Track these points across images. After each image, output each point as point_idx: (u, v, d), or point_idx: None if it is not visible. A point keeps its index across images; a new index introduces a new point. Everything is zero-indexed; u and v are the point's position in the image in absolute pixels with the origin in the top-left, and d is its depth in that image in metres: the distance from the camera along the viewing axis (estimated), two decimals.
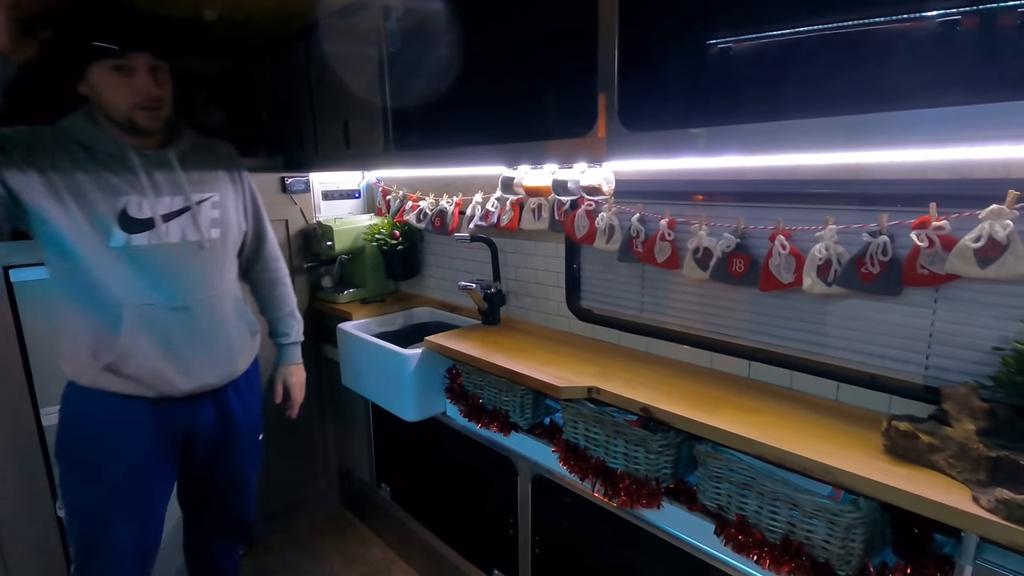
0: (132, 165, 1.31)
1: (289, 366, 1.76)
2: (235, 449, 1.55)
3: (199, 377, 1.39)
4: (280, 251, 1.74)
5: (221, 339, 1.43)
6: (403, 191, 2.35)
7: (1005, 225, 0.94)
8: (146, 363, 1.31)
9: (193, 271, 1.37)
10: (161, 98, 1.30)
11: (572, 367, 1.52)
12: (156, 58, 1.28)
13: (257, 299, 1.72)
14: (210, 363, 1.41)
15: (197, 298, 1.37)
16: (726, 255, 1.33)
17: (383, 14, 1.76)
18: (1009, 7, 0.79)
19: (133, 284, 1.28)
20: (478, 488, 1.92)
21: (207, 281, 1.40)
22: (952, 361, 1.11)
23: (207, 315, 1.39)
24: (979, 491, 0.87)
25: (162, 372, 1.33)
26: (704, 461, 1.21)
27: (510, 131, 1.47)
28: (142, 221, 1.31)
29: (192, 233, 1.38)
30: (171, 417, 1.39)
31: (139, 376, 1.31)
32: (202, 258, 1.39)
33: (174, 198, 1.36)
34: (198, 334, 1.38)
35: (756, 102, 1.02)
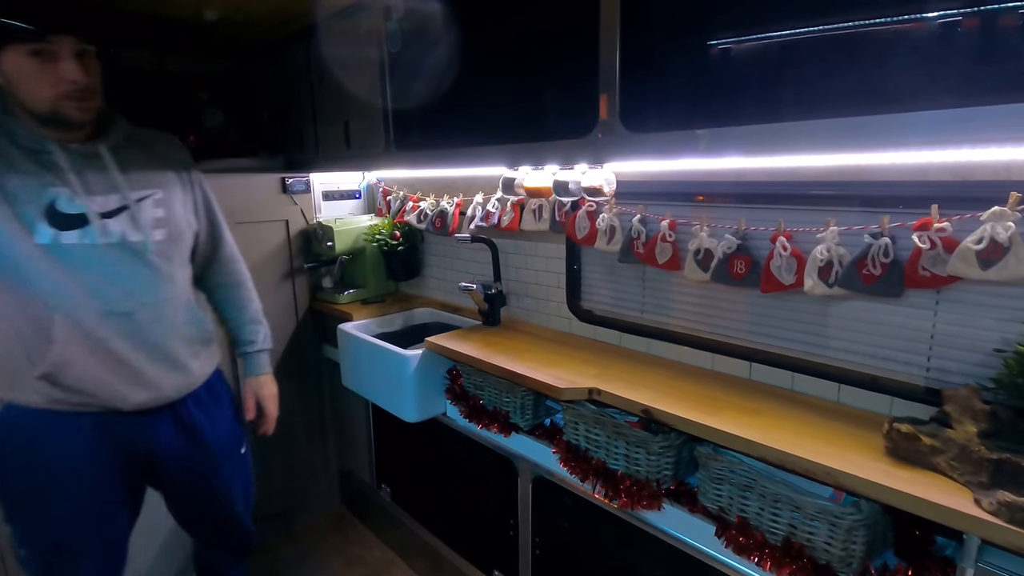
0: (55, 160, 1.17)
1: (258, 377, 1.59)
2: (213, 468, 1.44)
3: (152, 388, 1.28)
4: (238, 252, 1.59)
5: (170, 347, 1.30)
6: (404, 192, 2.35)
7: (1007, 227, 0.93)
8: (87, 373, 1.20)
9: (135, 275, 1.25)
10: (90, 87, 1.16)
11: (573, 368, 1.51)
12: (81, 42, 1.13)
13: (215, 306, 1.58)
14: (161, 372, 1.29)
15: (141, 303, 1.24)
16: (727, 256, 1.32)
17: (384, 15, 1.76)
18: (1010, 8, 0.79)
19: (65, 287, 1.17)
20: (478, 489, 1.92)
21: (152, 285, 1.27)
22: (954, 363, 1.11)
23: (153, 321, 1.27)
24: (981, 493, 0.87)
25: (107, 382, 1.22)
26: (705, 463, 1.21)
27: (511, 132, 1.47)
28: (73, 217, 1.17)
29: (133, 233, 1.24)
30: (124, 434, 1.28)
31: (80, 387, 1.20)
32: (146, 261, 1.26)
33: (108, 196, 1.23)
34: (144, 342, 1.26)
35: (757, 103, 1.02)
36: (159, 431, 1.33)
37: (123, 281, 1.23)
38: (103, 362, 1.22)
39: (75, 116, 1.16)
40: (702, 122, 1.08)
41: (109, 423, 1.26)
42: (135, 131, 1.33)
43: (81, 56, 1.14)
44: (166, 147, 1.39)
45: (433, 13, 1.60)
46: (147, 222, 1.28)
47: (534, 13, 1.38)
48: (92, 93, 1.18)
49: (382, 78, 1.84)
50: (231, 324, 1.59)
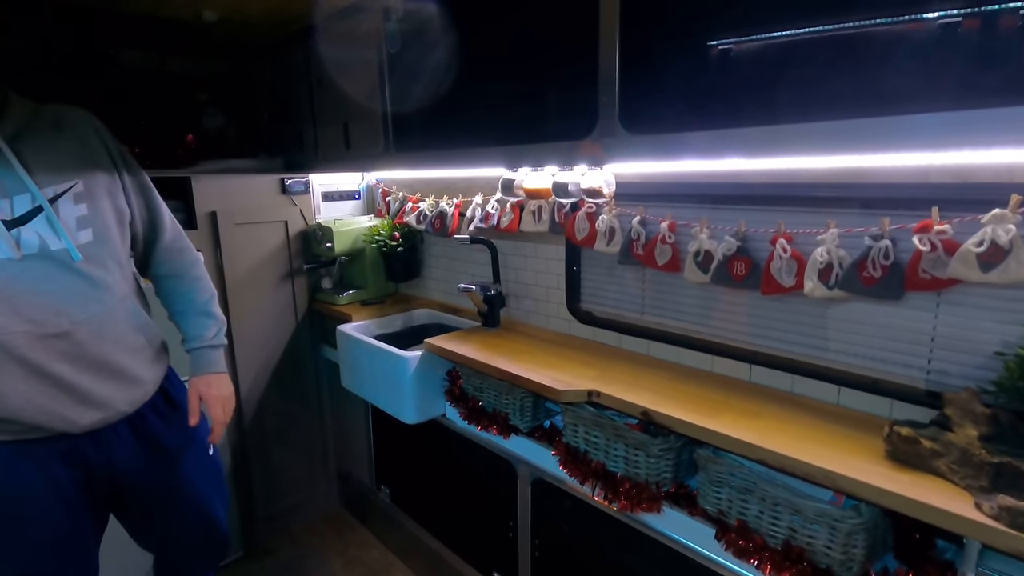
0: None
1: (204, 375, 1.39)
2: (181, 474, 1.35)
3: (103, 408, 1.18)
4: (185, 238, 1.42)
5: (117, 360, 1.19)
6: (403, 193, 2.34)
7: (1008, 230, 0.93)
8: (24, 401, 1.08)
9: (64, 289, 1.10)
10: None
11: (572, 370, 1.51)
12: None
13: (161, 296, 1.42)
14: (110, 389, 1.19)
15: (76, 321, 1.11)
16: (727, 258, 1.32)
17: (383, 16, 1.75)
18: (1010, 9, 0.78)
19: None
20: (478, 491, 1.91)
21: (86, 298, 1.13)
22: (954, 366, 1.10)
23: (94, 336, 1.14)
24: (981, 497, 0.86)
25: (50, 410, 1.11)
26: (705, 465, 1.20)
27: (510, 133, 1.47)
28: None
29: (53, 241, 1.09)
30: (81, 455, 1.19)
31: (21, 418, 1.09)
32: (74, 271, 1.12)
33: (17, 197, 1.06)
34: (87, 362, 1.14)
35: (757, 105, 1.02)
36: (117, 448, 1.23)
37: (51, 298, 1.09)
38: (42, 388, 1.10)
39: None
40: (701, 124, 1.08)
41: (63, 446, 1.16)
42: (37, 111, 1.13)
43: None
44: (79, 125, 1.18)
45: (432, 14, 1.60)
46: (69, 224, 1.11)
47: (533, 15, 1.38)
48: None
49: (381, 79, 1.84)
50: (178, 318, 1.41)
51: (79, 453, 1.19)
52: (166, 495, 1.34)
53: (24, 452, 1.14)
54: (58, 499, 1.18)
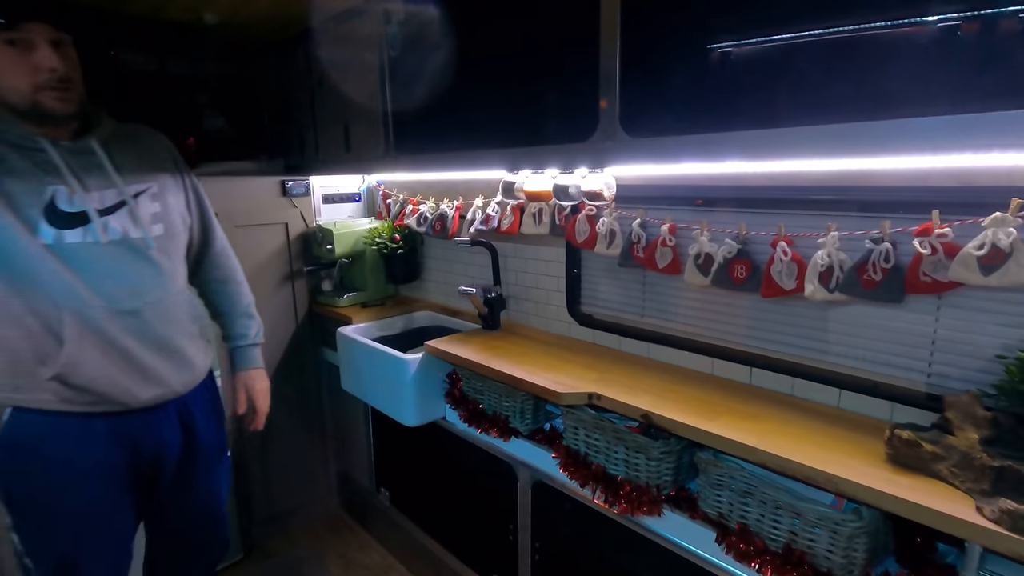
0: (49, 158, 1.15)
1: (249, 371, 1.58)
2: (204, 471, 1.43)
3: (159, 383, 1.27)
4: (229, 246, 1.59)
5: (176, 342, 1.31)
6: (403, 195, 2.34)
7: (1008, 233, 0.93)
8: (98, 371, 1.19)
9: (139, 272, 1.25)
10: (68, 76, 1.13)
11: (572, 372, 1.51)
12: (56, 30, 1.11)
13: (207, 301, 1.57)
14: (168, 368, 1.29)
15: (146, 301, 1.24)
16: (727, 261, 1.32)
17: (384, 18, 1.75)
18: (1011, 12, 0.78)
19: (73, 286, 1.15)
20: (478, 494, 1.91)
21: (156, 282, 1.27)
22: (955, 369, 1.10)
23: (158, 317, 1.27)
24: (983, 501, 0.86)
25: (117, 380, 1.21)
26: (705, 468, 1.20)
27: (511, 136, 1.47)
28: (74, 216, 1.16)
29: (133, 230, 1.24)
30: (134, 433, 1.27)
31: (92, 386, 1.19)
32: (148, 258, 1.26)
33: (105, 192, 1.22)
34: (151, 338, 1.25)
35: (757, 108, 1.02)
36: (164, 429, 1.32)
37: (128, 279, 1.23)
38: (113, 360, 1.21)
39: (56, 108, 1.13)
40: (702, 127, 1.08)
41: (119, 423, 1.25)
42: (119, 127, 1.31)
43: (57, 45, 1.12)
44: (152, 141, 1.38)
45: (433, 17, 1.60)
46: (146, 218, 1.27)
47: (534, 17, 1.38)
48: (71, 83, 1.15)
49: (382, 81, 1.84)
50: (224, 319, 1.57)
51: (131, 433, 1.27)
52: (188, 485, 1.41)
53: (84, 427, 1.22)
54: (107, 477, 1.26)
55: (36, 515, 1.22)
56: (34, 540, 1.23)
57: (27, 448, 1.19)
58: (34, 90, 1.10)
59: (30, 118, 1.14)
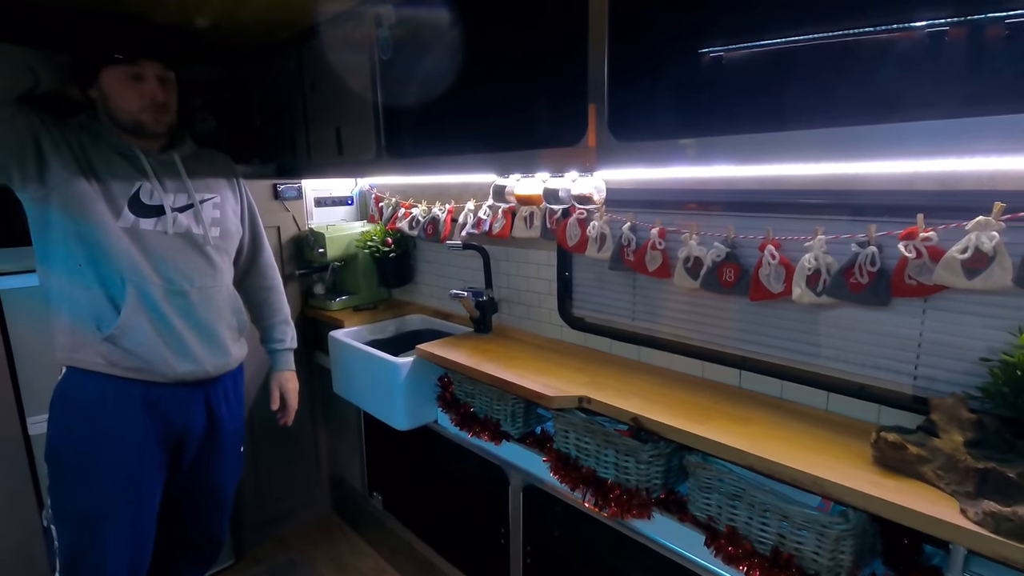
0: (141, 164, 1.40)
1: (284, 372, 1.78)
2: (219, 459, 1.54)
3: (195, 362, 1.42)
4: (275, 261, 1.79)
5: (215, 328, 1.47)
6: (396, 198, 2.34)
7: (991, 237, 0.94)
8: (145, 339, 1.35)
9: (194, 261, 1.45)
10: (167, 104, 1.40)
11: (563, 376, 1.51)
12: (164, 68, 1.39)
13: (251, 307, 1.74)
14: (205, 349, 1.44)
15: (195, 286, 1.44)
16: (716, 264, 1.33)
17: (375, 22, 1.76)
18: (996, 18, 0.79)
19: (139, 264, 1.35)
20: (470, 497, 1.91)
21: (207, 272, 1.47)
22: (941, 371, 1.11)
23: (203, 302, 1.45)
24: (967, 503, 0.87)
25: (159, 350, 1.37)
26: (694, 472, 1.21)
27: (501, 140, 1.47)
28: (152, 207, 1.39)
29: (196, 227, 1.46)
30: (166, 406, 1.40)
31: (138, 351, 1.35)
32: (203, 252, 1.46)
33: (179, 195, 1.45)
34: (194, 319, 1.43)
35: (745, 113, 1.03)
36: (193, 408, 1.46)
37: (184, 265, 1.43)
38: (159, 333, 1.37)
39: (152, 127, 1.39)
40: (690, 131, 1.09)
41: (154, 393, 1.39)
42: (198, 149, 1.57)
43: (163, 80, 1.39)
44: (222, 162, 1.63)
45: (424, 22, 1.60)
46: (207, 220, 1.49)
47: (524, 23, 1.38)
48: (168, 110, 1.41)
49: (374, 85, 1.84)
50: (266, 323, 1.77)
51: (163, 405, 1.41)
52: (204, 468, 1.53)
53: (125, 393, 1.37)
54: (141, 443, 1.39)
55: (72, 470, 1.35)
56: (64, 496, 1.36)
57: (75, 406, 1.36)
58: (139, 111, 1.36)
59: (129, 131, 1.39)
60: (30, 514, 1.86)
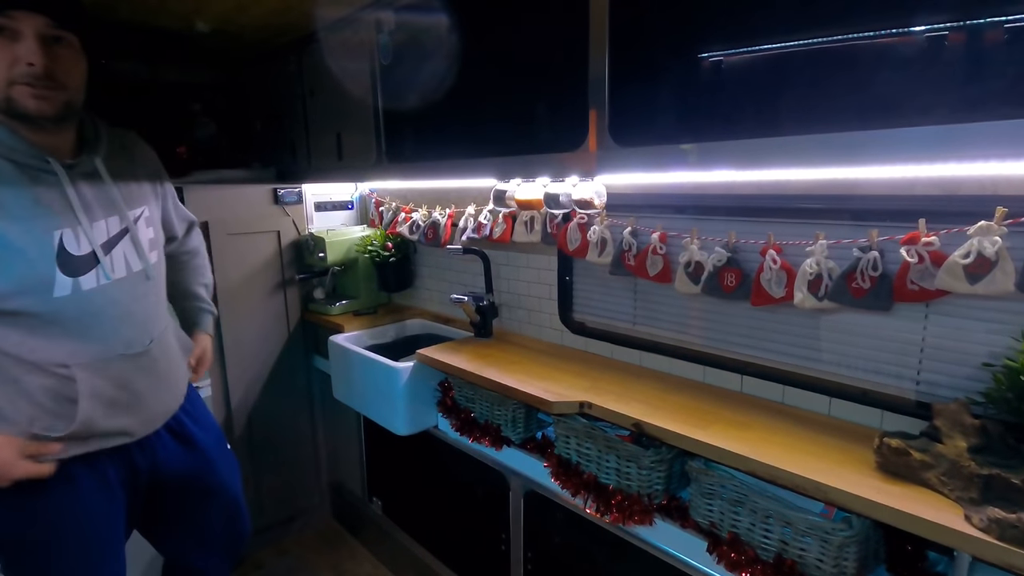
0: (58, 180, 1.05)
1: (206, 333, 1.54)
2: (212, 467, 1.44)
3: (158, 416, 1.26)
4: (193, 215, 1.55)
5: (173, 372, 1.30)
6: (396, 203, 2.34)
7: (994, 241, 0.94)
8: (107, 424, 1.13)
9: (144, 307, 1.18)
10: (51, 75, 1.00)
11: (564, 381, 1.51)
12: (53, 25, 0.99)
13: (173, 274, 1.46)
14: (167, 396, 1.28)
15: (152, 336, 1.20)
16: (717, 269, 1.32)
17: (375, 28, 1.76)
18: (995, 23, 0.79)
19: (87, 338, 1.07)
20: (470, 503, 1.90)
21: (158, 314, 1.24)
22: (944, 376, 1.11)
23: (162, 352, 1.25)
24: (971, 510, 0.86)
25: (124, 422, 1.17)
26: (696, 477, 1.20)
27: (501, 145, 1.48)
28: (83, 258, 1.06)
29: (136, 262, 1.17)
30: (127, 458, 1.23)
31: (100, 433, 1.14)
32: (149, 289, 1.20)
33: (109, 220, 1.12)
34: (156, 374, 1.23)
35: (745, 119, 1.03)
36: (160, 451, 1.30)
37: (138, 317, 1.17)
38: (123, 406, 1.16)
39: (30, 106, 1.00)
40: (690, 136, 1.09)
41: (120, 455, 1.21)
42: (113, 135, 1.20)
43: (52, 41, 1.00)
44: (142, 153, 1.29)
45: (424, 27, 1.61)
46: (145, 245, 1.20)
47: (524, 28, 1.39)
48: (55, 83, 1.01)
49: (374, 90, 1.84)
50: (186, 287, 1.53)
51: (128, 456, 1.23)
52: (202, 488, 1.40)
53: (91, 466, 1.16)
54: (110, 506, 1.21)
55: (34, 557, 1.14)
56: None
57: (23, 493, 1.09)
58: (7, 84, 0.98)
59: (8, 121, 1.02)
60: None
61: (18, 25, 0.97)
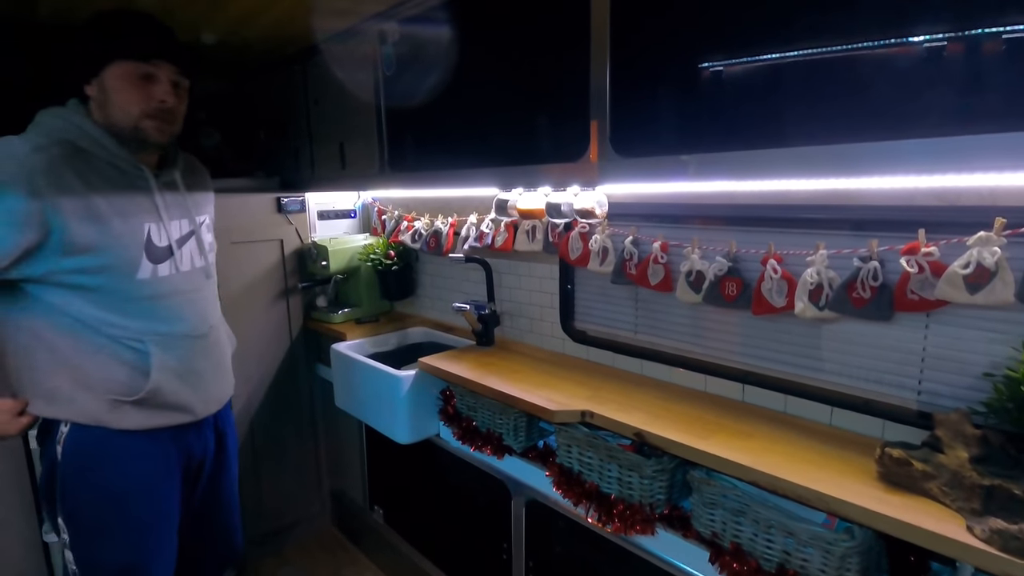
0: (149, 186, 1.27)
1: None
2: (228, 471, 1.53)
3: (216, 399, 1.40)
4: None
5: (225, 362, 1.45)
6: (398, 211, 2.36)
7: (993, 252, 0.94)
8: (173, 396, 1.27)
9: (205, 298, 1.39)
10: (175, 112, 1.25)
11: (566, 390, 1.51)
12: (180, 73, 1.25)
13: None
14: (221, 383, 1.42)
15: (210, 324, 1.39)
16: (718, 278, 1.33)
17: (379, 39, 1.78)
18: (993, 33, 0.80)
19: (161, 317, 1.26)
20: (472, 512, 1.90)
21: (215, 306, 1.43)
22: (945, 386, 1.11)
23: (217, 339, 1.41)
24: (973, 520, 0.86)
25: (188, 399, 1.31)
26: (698, 487, 1.20)
27: (503, 155, 1.49)
28: (162, 250, 1.27)
29: (198, 259, 1.37)
30: (191, 443, 1.36)
31: (167, 406, 1.27)
32: (209, 284, 1.41)
33: (181, 221, 1.34)
34: (213, 358, 1.39)
35: (745, 129, 1.04)
36: (208, 436, 1.42)
37: (200, 305, 1.36)
38: (188, 383, 1.31)
39: (153, 136, 1.23)
40: (691, 147, 1.10)
41: (180, 433, 1.33)
42: (184, 156, 1.42)
43: (176, 85, 1.24)
44: (203, 173, 1.52)
45: (427, 38, 1.63)
46: (206, 246, 1.41)
47: (526, 39, 1.40)
48: (175, 119, 1.27)
49: (377, 100, 1.86)
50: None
51: (188, 440, 1.36)
52: (216, 491, 1.49)
53: (154, 440, 1.28)
54: (168, 484, 1.33)
55: (103, 527, 1.25)
56: (96, 552, 1.26)
57: (98, 464, 1.23)
58: (141, 116, 1.20)
59: (127, 140, 1.22)
60: (31, 529, 1.85)
61: (158, 71, 1.21)
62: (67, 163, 1.15)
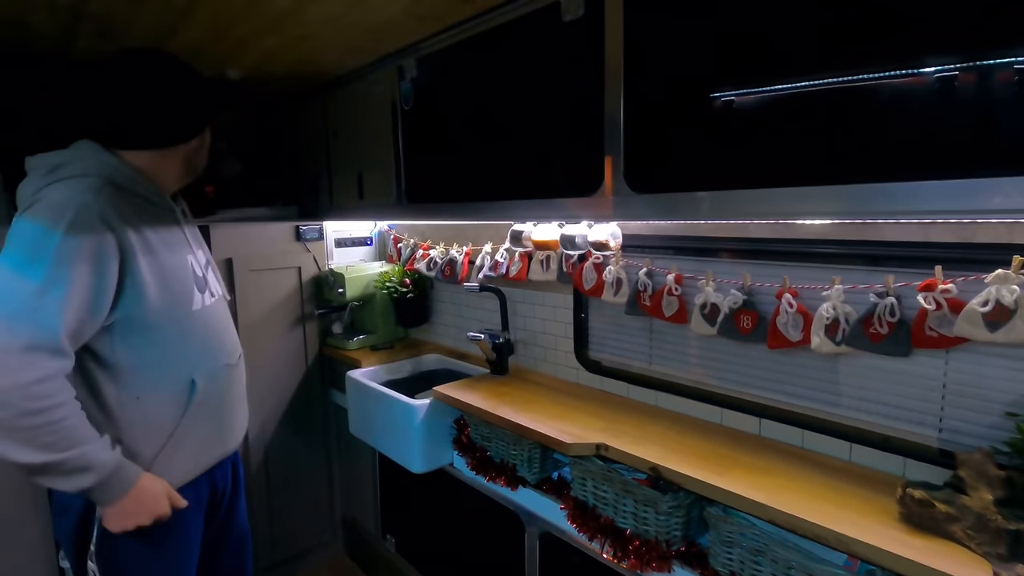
0: (177, 218, 1.29)
1: None
2: (240, 500, 1.53)
3: (241, 430, 1.40)
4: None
5: (244, 391, 1.46)
6: (414, 239, 2.39)
7: (1012, 290, 0.94)
8: (211, 429, 1.27)
9: (230, 325, 1.39)
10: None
11: (580, 421, 1.50)
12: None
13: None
14: (245, 415, 1.43)
15: (239, 353, 1.39)
16: (733, 311, 1.33)
17: (398, 74, 1.83)
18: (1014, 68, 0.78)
19: (206, 347, 1.26)
20: (485, 543, 1.88)
21: (237, 334, 1.43)
22: (966, 424, 1.09)
23: (243, 368, 1.42)
24: (999, 566, 0.84)
25: (223, 433, 1.31)
26: (715, 524, 1.18)
27: (519, 188, 1.51)
28: (200, 279, 1.28)
29: (218, 287, 1.37)
30: (214, 482, 1.35)
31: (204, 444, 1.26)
32: (229, 312, 1.41)
33: (198, 251, 1.35)
34: (239, 388, 1.39)
35: (760, 168, 1.04)
36: (228, 469, 1.42)
37: (231, 331, 1.37)
38: (224, 414, 1.31)
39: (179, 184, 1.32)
40: (705, 185, 1.10)
41: (212, 469, 1.33)
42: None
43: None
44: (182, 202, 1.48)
45: (444, 74, 1.67)
46: (220, 276, 1.42)
47: (542, 75, 1.43)
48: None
49: (395, 133, 1.91)
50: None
51: (214, 474, 1.35)
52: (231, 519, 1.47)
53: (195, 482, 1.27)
54: (197, 516, 1.30)
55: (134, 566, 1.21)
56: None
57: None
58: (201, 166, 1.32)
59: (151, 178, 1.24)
60: (47, 554, 1.87)
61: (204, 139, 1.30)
62: (120, 200, 1.14)
